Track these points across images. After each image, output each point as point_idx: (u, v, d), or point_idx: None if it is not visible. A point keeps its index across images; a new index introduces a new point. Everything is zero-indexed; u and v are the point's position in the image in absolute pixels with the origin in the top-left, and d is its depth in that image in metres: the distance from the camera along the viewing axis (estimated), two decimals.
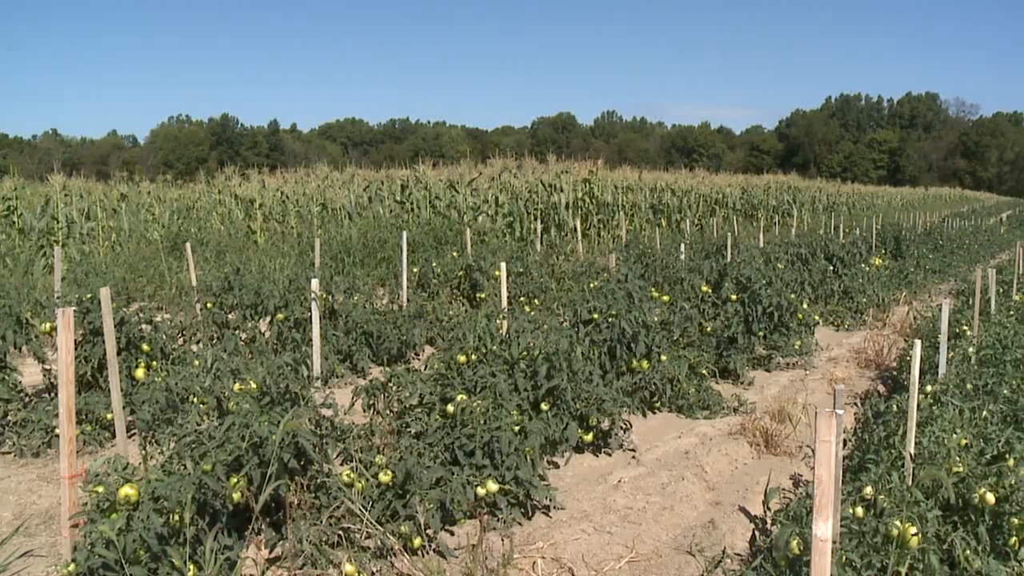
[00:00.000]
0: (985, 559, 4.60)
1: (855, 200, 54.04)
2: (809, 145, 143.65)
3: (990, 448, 5.47)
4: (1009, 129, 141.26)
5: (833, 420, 3.13)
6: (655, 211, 30.06)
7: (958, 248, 28.02)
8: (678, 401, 9.46)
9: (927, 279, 21.13)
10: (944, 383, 6.81)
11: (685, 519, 6.68)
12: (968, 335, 9.04)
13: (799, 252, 16.35)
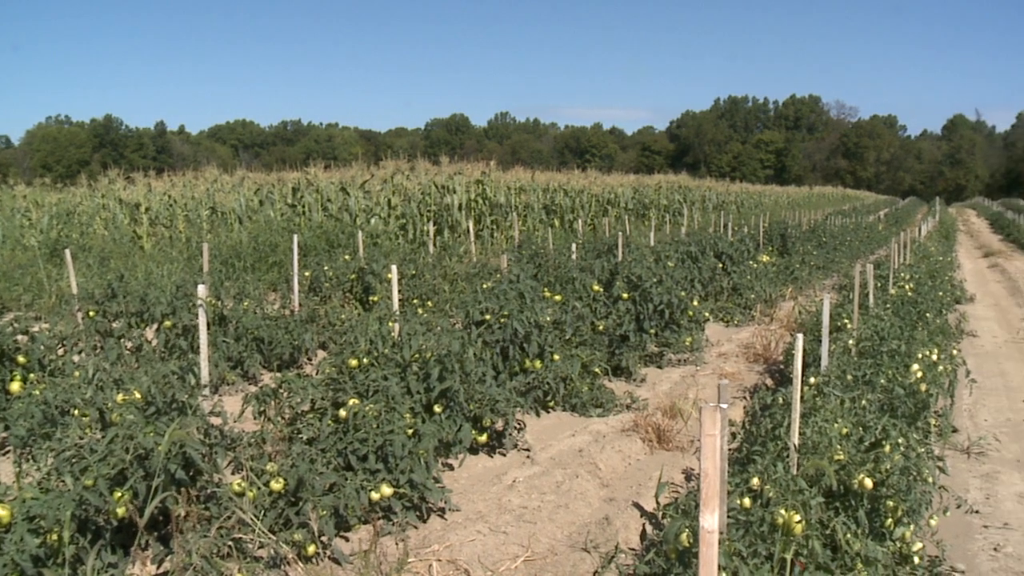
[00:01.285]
0: (864, 541, 4.77)
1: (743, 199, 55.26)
2: (699, 145, 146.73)
3: (869, 436, 5.66)
4: (884, 131, 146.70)
5: (717, 414, 3.20)
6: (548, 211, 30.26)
7: (841, 245, 28.88)
8: (572, 400, 9.54)
9: (812, 275, 21.77)
10: (826, 375, 7.02)
11: (580, 516, 6.74)
12: (849, 328, 9.34)
13: (689, 250, 16.66)
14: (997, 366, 13.09)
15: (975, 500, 7.35)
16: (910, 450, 5.69)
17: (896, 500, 5.20)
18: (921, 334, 9.79)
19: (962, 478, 7.95)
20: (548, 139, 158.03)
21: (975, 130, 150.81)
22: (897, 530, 5.24)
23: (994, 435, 9.28)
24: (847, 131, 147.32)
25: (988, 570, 6.10)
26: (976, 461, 8.47)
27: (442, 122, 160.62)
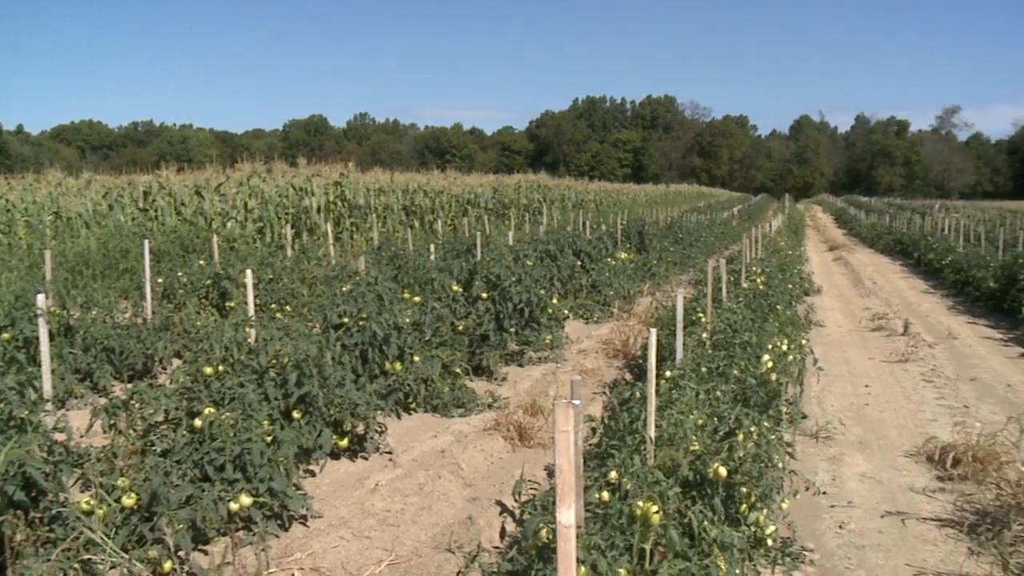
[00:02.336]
0: (720, 527, 4.91)
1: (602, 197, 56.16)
2: (558, 145, 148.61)
3: (723, 425, 5.84)
4: (737, 131, 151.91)
5: (570, 411, 3.23)
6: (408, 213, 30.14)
7: (696, 241, 29.68)
8: (433, 401, 9.53)
9: (669, 271, 22.32)
10: (681, 368, 7.20)
11: (444, 517, 6.74)
12: (703, 322, 9.60)
13: (548, 249, 16.84)
14: (842, 354, 13.69)
15: (823, 482, 7.67)
16: (762, 438, 5.91)
17: (750, 486, 5.38)
18: (772, 326, 10.14)
19: (811, 461, 8.28)
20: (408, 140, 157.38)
21: (819, 130, 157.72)
22: (751, 515, 5.41)
23: (840, 419, 9.70)
24: (702, 131, 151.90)
25: (834, 546, 6.39)
26: (824, 445, 8.84)
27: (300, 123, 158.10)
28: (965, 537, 6.53)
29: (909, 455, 8.56)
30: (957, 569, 6.01)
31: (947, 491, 7.56)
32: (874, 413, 10.18)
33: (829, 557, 6.22)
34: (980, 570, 5.96)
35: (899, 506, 7.21)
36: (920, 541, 6.52)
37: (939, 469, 8.04)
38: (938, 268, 26.07)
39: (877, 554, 6.27)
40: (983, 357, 13.86)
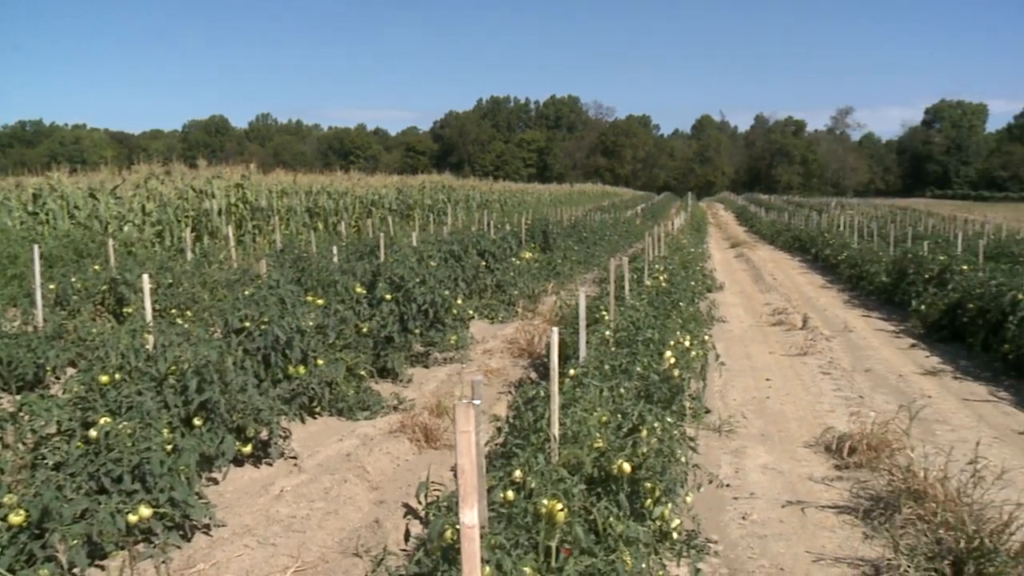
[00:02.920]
0: (626, 523, 4.95)
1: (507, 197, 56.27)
2: (463, 145, 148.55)
3: (627, 422, 5.90)
4: (640, 130, 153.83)
5: (471, 411, 3.23)
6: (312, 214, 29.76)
7: (600, 240, 29.94)
8: (338, 404, 9.42)
9: (573, 270, 22.48)
10: (585, 366, 7.26)
11: (350, 522, 6.67)
12: (606, 320, 9.69)
13: (452, 249, 16.80)
14: (744, 348, 13.96)
15: (726, 474, 7.82)
16: (666, 433, 5.98)
17: (654, 481, 5.44)
18: (674, 322, 10.29)
19: (715, 455, 8.43)
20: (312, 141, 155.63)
21: (720, 130, 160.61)
22: (656, 509, 5.48)
23: (742, 413, 9.90)
24: (605, 130, 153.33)
25: (738, 537, 6.52)
26: (727, 438, 9.01)
27: (200, 124, 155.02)
28: (860, 522, 6.75)
29: (808, 446, 8.78)
30: (853, 553, 6.20)
31: (844, 479, 7.78)
32: (775, 406, 10.41)
33: (733, 548, 6.34)
34: (874, 552, 6.17)
35: (799, 495, 7.39)
36: (819, 528, 6.69)
37: (836, 458, 8.27)
38: (835, 264, 26.81)
39: (779, 543, 6.42)
40: (877, 349, 14.30)
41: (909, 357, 13.65)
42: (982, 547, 5.46)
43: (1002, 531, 5.54)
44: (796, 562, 6.09)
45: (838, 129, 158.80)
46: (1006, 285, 13.51)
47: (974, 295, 14.21)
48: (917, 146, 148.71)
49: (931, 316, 15.45)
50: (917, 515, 6.43)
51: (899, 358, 13.53)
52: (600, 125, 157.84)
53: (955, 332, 14.73)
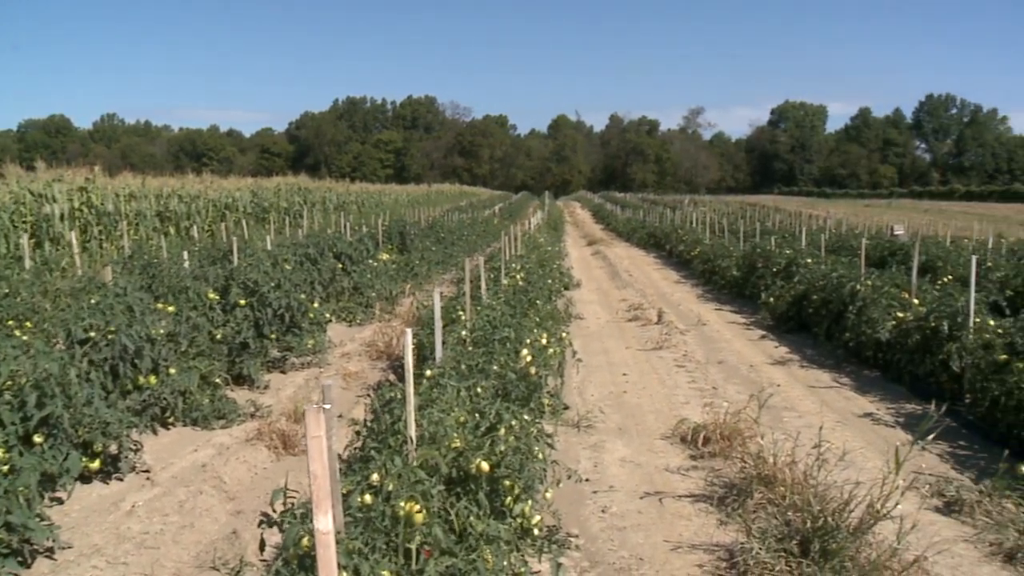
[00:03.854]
0: (486, 521, 4.96)
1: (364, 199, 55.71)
2: (319, 146, 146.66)
3: (484, 421, 5.91)
4: (497, 130, 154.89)
5: (322, 415, 3.17)
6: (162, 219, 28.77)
7: (459, 240, 29.99)
8: (193, 414, 9.15)
9: (431, 270, 22.45)
10: (442, 366, 7.24)
11: (207, 534, 6.50)
12: (463, 319, 9.70)
13: (308, 252, 16.54)
14: (601, 344, 14.21)
15: (585, 469, 7.94)
16: (524, 431, 6.02)
17: (512, 479, 5.47)
18: (531, 320, 10.38)
19: (574, 450, 8.55)
20: (161, 143, 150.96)
21: (576, 129, 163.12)
22: (516, 507, 5.51)
23: (600, 408, 10.07)
24: (463, 130, 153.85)
25: (598, 530, 6.64)
26: (586, 433, 9.14)
27: (39, 123, 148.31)
28: (715, 509, 6.97)
29: (665, 437, 9.00)
30: (709, 539, 6.39)
31: (699, 468, 8.01)
32: (632, 400, 10.63)
33: (593, 541, 6.44)
34: (728, 538, 6.37)
35: (657, 486, 7.57)
36: (676, 517, 6.87)
37: (692, 449, 8.51)
38: (688, 259, 27.57)
39: (638, 534, 6.55)
40: (729, 341, 14.77)
41: (759, 348, 14.15)
42: (826, 526, 5.71)
43: (843, 509, 5.80)
44: (655, 551, 6.23)
45: (690, 129, 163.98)
46: (846, 277, 14.15)
47: (817, 287, 14.84)
48: (764, 145, 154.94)
49: (779, 308, 16.07)
50: (768, 499, 6.68)
51: (750, 349, 14.02)
52: (457, 125, 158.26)
53: (802, 323, 15.35)
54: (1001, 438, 8.68)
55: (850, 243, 23.60)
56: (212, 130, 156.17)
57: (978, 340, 10.05)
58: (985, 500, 7.04)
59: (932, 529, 6.49)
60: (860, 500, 5.81)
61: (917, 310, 11.74)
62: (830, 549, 5.60)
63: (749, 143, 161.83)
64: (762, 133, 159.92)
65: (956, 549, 6.33)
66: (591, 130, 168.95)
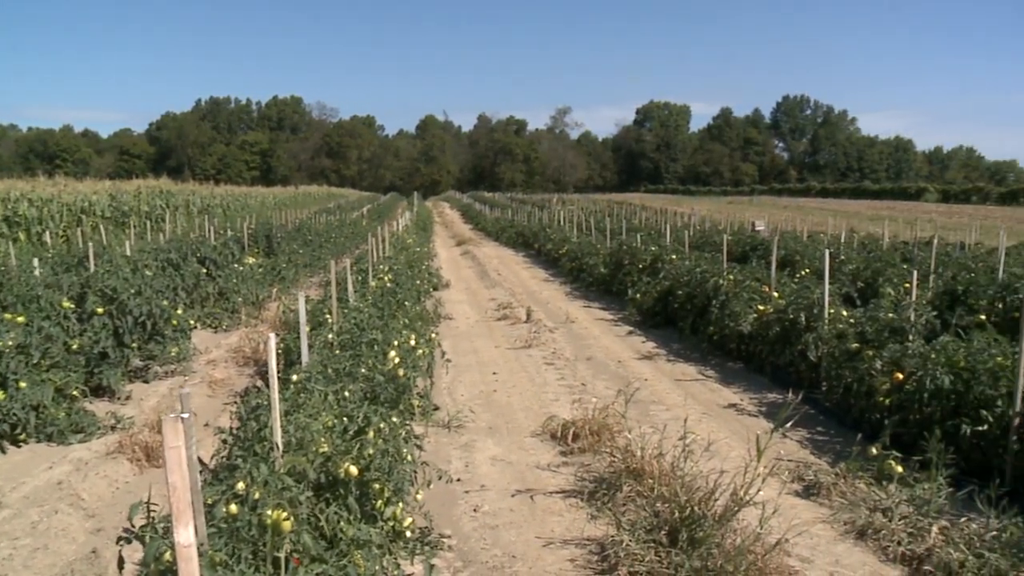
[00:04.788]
0: (357, 526, 4.90)
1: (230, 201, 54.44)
2: (182, 148, 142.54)
3: (353, 425, 5.84)
4: (365, 131, 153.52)
5: (179, 425, 3.08)
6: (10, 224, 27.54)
7: (327, 242, 29.58)
8: (47, 429, 8.74)
9: (299, 273, 22.07)
10: (308, 371, 7.12)
11: (64, 556, 6.22)
12: (330, 323, 9.57)
13: (170, 257, 16.07)
14: (471, 344, 14.24)
15: (457, 469, 7.95)
16: (392, 433, 5.98)
17: (382, 482, 5.43)
18: (399, 322, 10.33)
19: (445, 451, 8.54)
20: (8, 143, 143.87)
21: (444, 129, 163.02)
22: (387, 510, 5.47)
23: (470, 407, 10.08)
24: (330, 131, 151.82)
25: (470, 529, 6.65)
26: (456, 433, 9.15)
27: None
28: (586, 504, 7.08)
29: (535, 435, 9.07)
30: (580, 534, 6.48)
31: (569, 464, 8.11)
32: (502, 398, 10.68)
33: (466, 540, 6.44)
34: (599, 531, 6.47)
35: (528, 484, 7.62)
36: (548, 514, 6.93)
37: (562, 445, 8.60)
38: (556, 258, 27.86)
39: (510, 531, 6.59)
40: (597, 337, 14.99)
41: (627, 343, 14.41)
42: (693, 515, 5.87)
43: (708, 498, 5.98)
44: (527, 548, 6.28)
45: (557, 128, 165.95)
46: (709, 272, 14.54)
47: (682, 283, 15.21)
48: (630, 144, 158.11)
49: (646, 304, 16.39)
50: (636, 492, 6.82)
51: (618, 345, 14.26)
52: (324, 126, 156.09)
53: (668, 318, 15.70)
54: (855, 423, 9.08)
55: (713, 239, 24.28)
56: (65, 130, 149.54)
57: (832, 330, 10.47)
58: (840, 482, 7.37)
59: (793, 512, 6.72)
60: (725, 488, 5.99)
61: (777, 303, 12.15)
62: (697, 537, 5.75)
63: (616, 142, 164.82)
64: (628, 132, 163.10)
65: (814, 530, 6.60)
66: (459, 130, 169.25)
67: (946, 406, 7.89)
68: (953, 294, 13.74)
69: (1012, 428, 7.30)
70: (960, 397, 7.85)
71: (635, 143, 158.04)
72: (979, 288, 13.30)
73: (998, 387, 7.62)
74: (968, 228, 37.83)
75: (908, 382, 8.32)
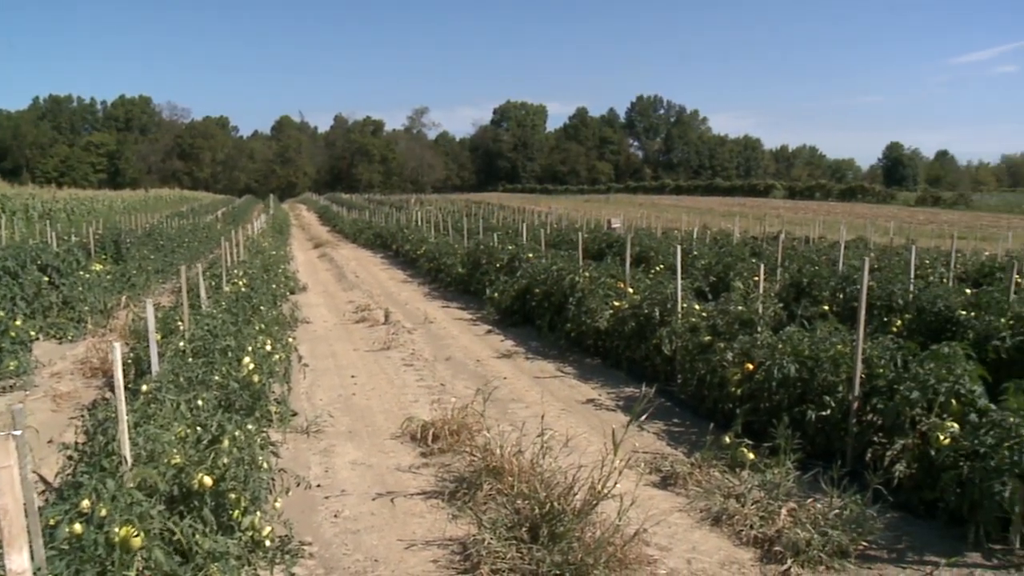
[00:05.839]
0: (213, 538, 4.77)
1: (74, 205, 52.28)
2: (19, 149, 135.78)
3: (207, 434, 5.68)
4: (218, 132, 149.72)
5: (10, 443, 2.92)
6: None
7: (179, 247, 28.73)
8: None
9: (150, 280, 21.34)
10: (159, 380, 6.89)
11: None
12: (182, 330, 9.28)
13: (6, 265, 15.27)
14: (329, 348, 14.05)
15: (316, 475, 7.83)
16: (248, 441, 5.83)
17: (238, 491, 5.30)
18: (252, 328, 10.09)
19: (304, 456, 8.40)
20: None
21: (301, 131, 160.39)
22: (245, 520, 5.35)
23: (329, 412, 9.95)
24: (182, 132, 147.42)
25: (331, 535, 6.56)
26: (315, 439, 9.00)
27: None
28: (447, 504, 7.09)
29: (395, 437, 9.01)
30: (442, 535, 6.47)
31: (430, 465, 8.09)
32: (361, 401, 10.57)
33: (327, 547, 6.35)
34: (461, 531, 6.48)
35: (389, 487, 7.57)
36: (409, 516, 6.90)
37: (422, 446, 8.58)
38: (415, 258, 27.81)
39: (371, 535, 6.53)
40: (456, 337, 15.01)
41: (486, 343, 14.48)
42: (553, 510, 5.95)
43: (568, 493, 6.07)
44: (389, 552, 6.23)
45: (415, 128, 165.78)
46: (566, 270, 14.74)
47: (539, 281, 15.37)
48: (488, 144, 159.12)
49: (504, 303, 16.50)
50: (497, 490, 6.85)
51: (477, 344, 14.30)
52: (176, 127, 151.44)
53: (526, 316, 15.84)
54: (708, 413, 9.36)
55: (570, 237, 24.64)
56: None
57: (686, 324, 10.76)
58: (696, 471, 7.59)
59: (651, 503, 6.89)
60: (583, 483, 6.08)
61: (632, 299, 12.41)
62: (558, 532, 5.82)
63: (473, 142, 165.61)
64: (486, 132, 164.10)
65: (672, 519, 6.78)
66: (316, 131, 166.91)
67: (793, 393, 8.22)
68: (799, 286, 14.36)
69: (852, 412, 7.67)
70: (805, 384, 8.18)
71: (492, 143, 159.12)
72: (822, 280, 13.93)
73: (839, 374, 7.99)
74: (812, 223, 39.61)
75: (758, 372, 8.62)
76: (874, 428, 7.49)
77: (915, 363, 7.55)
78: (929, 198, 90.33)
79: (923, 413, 7.03)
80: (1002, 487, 5.87)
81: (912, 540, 6.38)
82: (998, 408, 6.64)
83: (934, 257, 19.84)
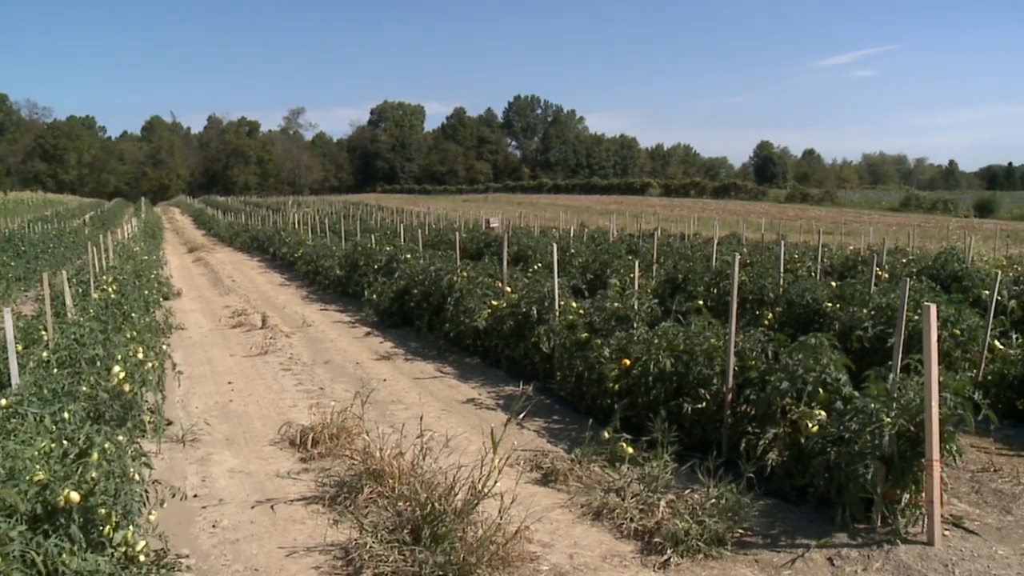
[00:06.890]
0: (82, 556, 4.63)
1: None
2: None
3: (74, 448, 5.50)
4: (84, 132, 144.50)
5: None
6: None
7: (43, 253, 27.72)
8: None
9: (11, 288, 20.48)
10: (20, 393, 6.63)
11: None
12: (46, 339, 8.96)
13: None
14: (205, 354, 13.75)
15: (193, 484, 7.67)
16: (118, 453, 5.66)
17: (108, 506, 5.14)
18: (122, 336, 9.80)
19: (180, 466, 8.21)
20: None
21: (173, 131, 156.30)
22: (117, 535, 5.19)
23: (205, 420, 9.75)
24: (43, 132, 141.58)
25: (210, 546, 6.43)
26: (191, 447, 8.81)
27: None
28: (328, 509, 7.03)
29: (274, 443, 8.89)
30: (324, 540, 6.42)
31: (310, 470, 8.01)
32: (239, 408, 10.39)
33: (205, 558, 6.22)
34: (343, 536, 6.43)
35: (268, 494, 7.46)
36: (290, 522, 6.82)
37: (301, 451, 8.48)
38: (292, 261, 27.44)
39: (251, 544, 6.43)
40: (335, 340, 14.87)
41: (365, 345, 14.39)
42: (434, 511, 5.97)
43: (448, 494, 6.10)
44: (270, 560, 6.15)
45: (291, 129, 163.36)
46: (443, 270, 14.77)
47: (418, 281, 15.36)
48: (366, 144, 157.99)
49: (383, 304, 16.42)
50: (378, 493, 6.84)
51: (356, 347, 14.21)
52: (37, 127, 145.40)
53: (405, 317, 15.81)
54: (588, 409, 9.51)
55: (448, 237, 24.67)
56: None
57: (563, 321, 10.90)
58: (576, 467, 7.71)
59: (532, 500, 6.96)
60: (464, 482, 6.11)
61: (510, 298, 12.50)
62: (440, 533, 5.84)
63: (351, 143, 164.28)
64: (363, 133, 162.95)
65: (553, 515, 6.87)
66: (189, 132, 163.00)
67: (669, 388, 8.41)
68: (674, 282, 14.70)
69: (726, 403, 7.93)
70: (681, 378, 8.39)
71: (370, 143, 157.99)
72: (696, 276, 14.28)
73: (713, 367, 8.23)
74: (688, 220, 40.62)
75: (635, 367, 8.78)
76: (748, 418, 7.78)
77: (785, 354, 7.82)
78: (798, 195, 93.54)
79: (793, 402, 7.30)
80: (865, 470, 6.14)
81: (785, 525, 6.62)
82: (861, 395, 6.93)
83: (803, 252, 20.61)
